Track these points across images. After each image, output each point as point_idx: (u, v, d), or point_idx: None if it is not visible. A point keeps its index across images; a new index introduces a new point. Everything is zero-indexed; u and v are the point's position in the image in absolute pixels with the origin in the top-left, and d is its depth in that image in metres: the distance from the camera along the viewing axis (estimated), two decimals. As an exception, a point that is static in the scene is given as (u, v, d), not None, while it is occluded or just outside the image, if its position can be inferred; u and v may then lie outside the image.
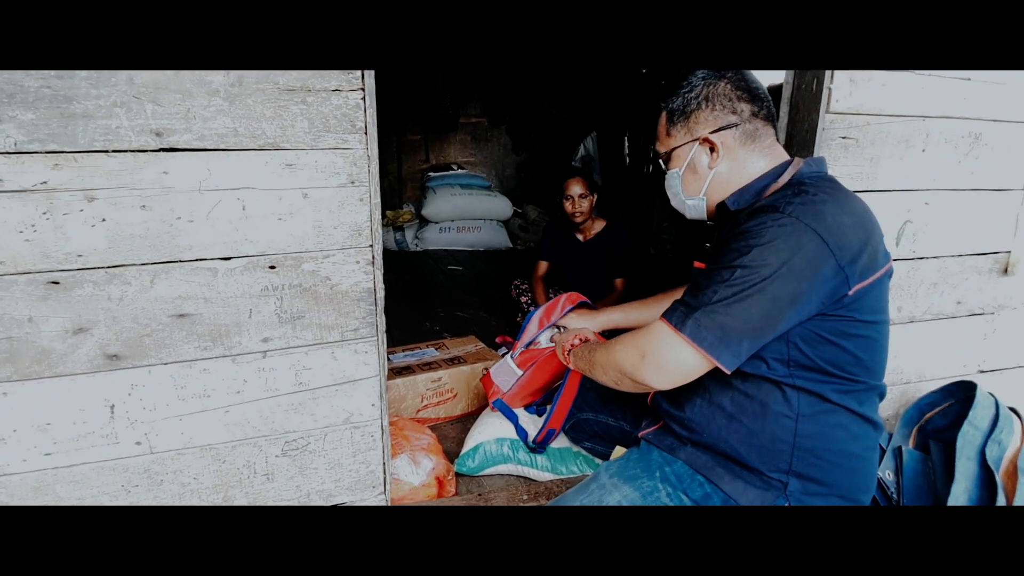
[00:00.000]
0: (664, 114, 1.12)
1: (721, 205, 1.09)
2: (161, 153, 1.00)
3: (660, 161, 1.17)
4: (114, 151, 0.98)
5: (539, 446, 1.61)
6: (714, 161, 1.07)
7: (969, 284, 1.65)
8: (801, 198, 0.94)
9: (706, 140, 1.06)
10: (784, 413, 1.00)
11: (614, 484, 1.11)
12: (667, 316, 0.96)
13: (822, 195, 0.95)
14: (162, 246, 1.04)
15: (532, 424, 1.68)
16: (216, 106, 1.01)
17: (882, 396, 1.08)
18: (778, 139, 1.10)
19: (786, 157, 1.08)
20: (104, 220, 1.00)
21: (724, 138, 1.05)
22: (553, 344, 1.45)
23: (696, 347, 0.92)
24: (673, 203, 1.18)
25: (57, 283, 1.00)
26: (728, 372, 0.94)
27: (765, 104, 1.06)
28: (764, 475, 1.02)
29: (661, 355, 0.95)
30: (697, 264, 1.10)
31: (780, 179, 1.03)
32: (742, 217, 0.98)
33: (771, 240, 0.90)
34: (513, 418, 1.67)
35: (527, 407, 1.72)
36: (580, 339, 1.36)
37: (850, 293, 0.94)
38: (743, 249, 0.92)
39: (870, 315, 0.97)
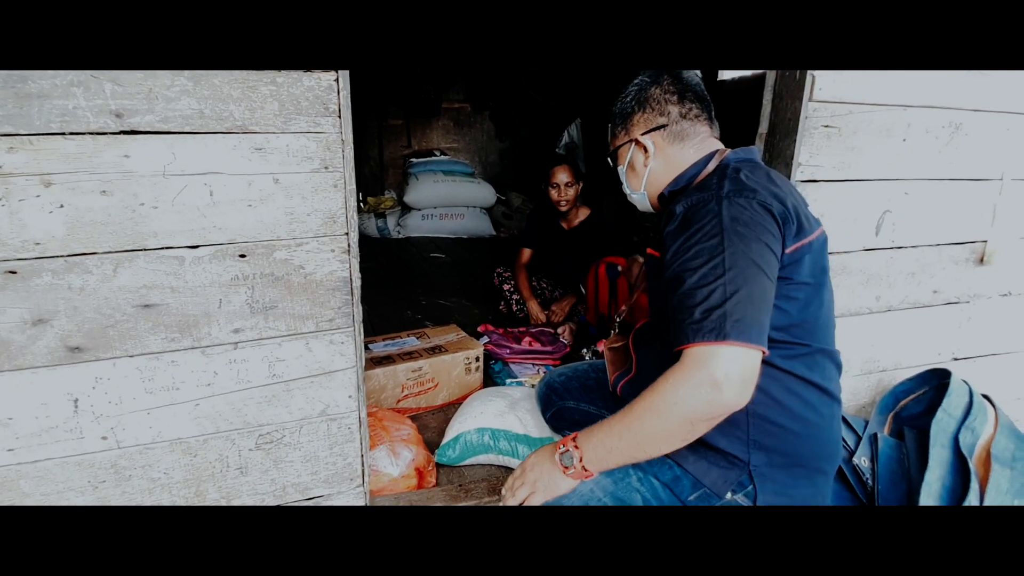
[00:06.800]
0: (612, 116, 1.22)
1: (661, 195, 1.17)
2: (122, 136, 0.96)
3: (609, 159, 1.25)
4: (72, 133, 0.93)
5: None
6: (647, 160, 1.16)
7: (946, 273, 1.67)
8: (730, 178, 1.02)
9: (638, 142, 1.15)
10: None
11: None
12: (702, 338, 0.89)
13: (746, 172, 1.03)
14: (125, 233, 1.00)
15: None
16: (180, 86, 0.97)
17: (839, 367, 1.10)
18: (714, 132, 1.17)
19: (717, 147, 1.15)
20: (62, 206, 0.95)
21: (654, 139, 1.14)
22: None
23: (748, 345, 0.88)
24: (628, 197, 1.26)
25: (14, 272, 0.95)
26: (766, 354, 0.93)
27: (697, 103, 1.14)
28: (727, 454, 1.03)
29: (731, 371, 0.87)
30: (650, 251, 1.13)
31: (708, 166, 1.11)
32: (677, 204, 1.02)
33: (716, 221, 0.94)
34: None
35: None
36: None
37: (787, 251, 0.98)
38: (700, 240, 0.94)
39: (809, 277, 1.02)
